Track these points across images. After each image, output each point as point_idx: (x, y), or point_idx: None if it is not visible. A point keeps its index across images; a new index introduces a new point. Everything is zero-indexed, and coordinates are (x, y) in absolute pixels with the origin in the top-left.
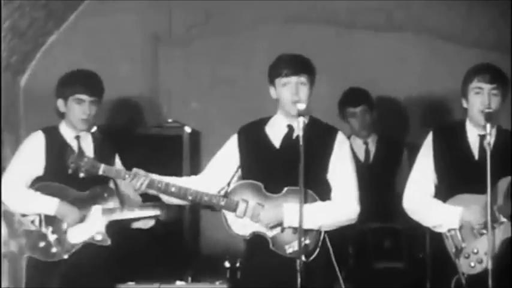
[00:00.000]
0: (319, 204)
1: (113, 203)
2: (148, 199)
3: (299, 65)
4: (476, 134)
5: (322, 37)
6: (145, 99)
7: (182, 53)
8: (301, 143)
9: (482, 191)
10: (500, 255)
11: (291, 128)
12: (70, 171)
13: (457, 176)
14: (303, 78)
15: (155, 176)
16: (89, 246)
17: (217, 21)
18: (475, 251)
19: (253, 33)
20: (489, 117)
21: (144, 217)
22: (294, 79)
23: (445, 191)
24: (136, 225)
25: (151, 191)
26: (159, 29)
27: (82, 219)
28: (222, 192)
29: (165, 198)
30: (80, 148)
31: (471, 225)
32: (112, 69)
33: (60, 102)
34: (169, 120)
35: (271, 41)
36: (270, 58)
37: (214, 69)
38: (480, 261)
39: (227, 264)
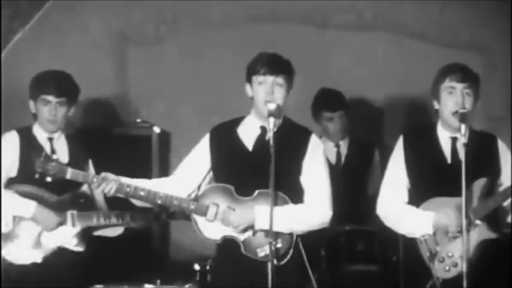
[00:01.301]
0: (290, 207)
1: (89, 209)
2: (116, 205)
3: (277, 64)
4: (448, 137)
5: (294, 36)
6: (113, 99)
7: (151, 52)
8: (271, 143)
9: (455, 194)
10: (475, 258)
11: (264, 130)
12: (37, 175)
13: (430, 180)
14: (280, 79)
15: (124, 179)
16: (63, 251)
17: (186, 20)
18: (450, 254)
19: (223, 32)
20: (463, 117)
21: (114, 225)
22: (270, 78)
23: (418, 196)
24: (105, 232)
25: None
26: (127, 27)
27: (58, 224)
28: (193, 195)
29: (135, 201)
30: (52, 150)
31: (448, 229)
32: (79, 68)
33: (31, 103)
34: (138, 120)
35: (242, 40)
36: (240, 57)
37: (184, 68)
38: (455, 265)
39: (197, 267)
